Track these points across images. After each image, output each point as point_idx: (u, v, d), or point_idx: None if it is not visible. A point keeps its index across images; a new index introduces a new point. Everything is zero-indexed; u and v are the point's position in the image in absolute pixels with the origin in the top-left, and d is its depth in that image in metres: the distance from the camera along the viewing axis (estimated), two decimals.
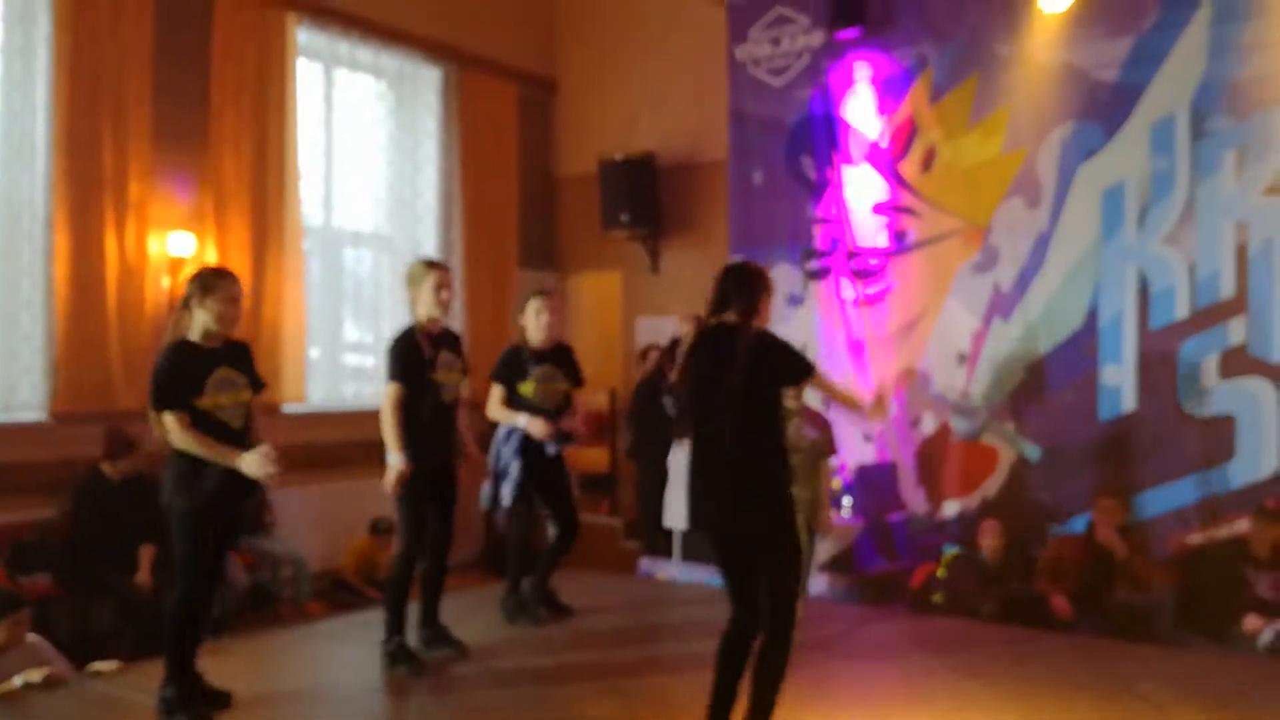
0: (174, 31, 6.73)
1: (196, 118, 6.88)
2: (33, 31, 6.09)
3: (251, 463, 3.78)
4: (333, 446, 7.51)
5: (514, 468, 5.06)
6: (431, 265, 4.63)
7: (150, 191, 6.54)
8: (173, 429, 3.79)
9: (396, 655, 4.49)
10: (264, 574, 6.68)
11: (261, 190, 7.12)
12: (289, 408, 7.33)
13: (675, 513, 6.54)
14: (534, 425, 5.02)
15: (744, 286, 3.66)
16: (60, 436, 6.08)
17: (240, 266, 6.94)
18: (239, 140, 7.02)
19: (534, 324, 5.21)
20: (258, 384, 4.06)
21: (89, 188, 6.21)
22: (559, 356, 5.25)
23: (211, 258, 6.84)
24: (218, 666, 4.24)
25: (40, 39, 6.10)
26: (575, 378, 5.28)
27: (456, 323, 8.43)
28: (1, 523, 5.72)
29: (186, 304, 3.92)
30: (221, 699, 4.03)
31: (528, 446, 5.09)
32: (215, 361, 3.90)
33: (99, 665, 4.26)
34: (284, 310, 7.21)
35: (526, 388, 5.12)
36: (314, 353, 7.71)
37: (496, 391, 5.17)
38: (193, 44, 6.86)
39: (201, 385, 3.83)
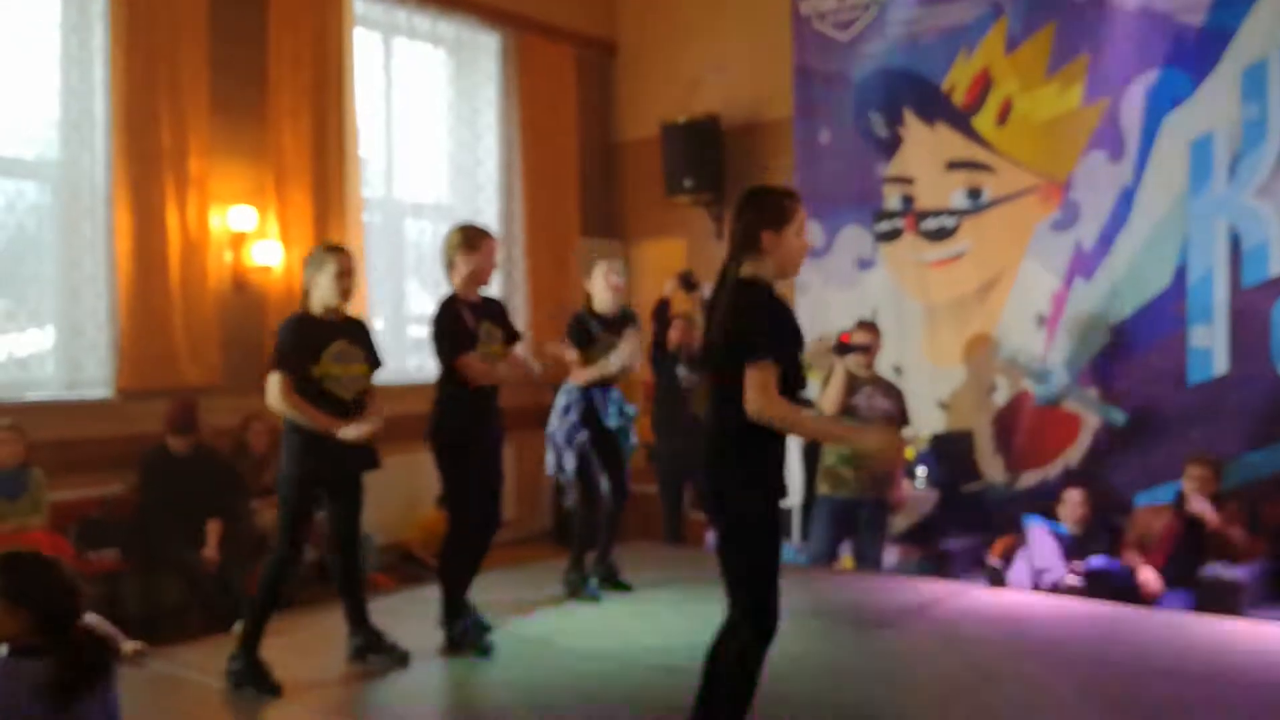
0: (229, 4, 6.68)
1: (254, 91, 6.83)
2: (89, 7, 6.07)
3: (350, 431, 3.93)
4: (399, 419, 7.43)
5: (579, 438, 4.96)
6: (468, 232, 4.43)
7: (210, 166, 6.51)
8: (272, 390, 3.94)
9: (462, 639, 4.39)
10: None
11: (322, 163, 7.06)
12: None
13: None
14: (618, 356, 4.93)
15: (737, 218, 3.08)
16: (126, 413, 6.10)
17: (302, 239, 6.91)
18: (298, 113, 6.96)
19: (600, 288, 5.09)
20: (375, 361, 4.21)
21: (149, 164, 6.20)
22: (625, 324, 5.13)
23: (273, 232, 6.82)
24: (280, 642, 4.20)
25: (96, 14, 6.07)
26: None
27: (518, 292, 8.35)
28: (69, 499, 5.75)
29: (305, 284, 4.12)
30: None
31: (589, 416, 4.98)
32: (334, 334, 4.06)
33: (127, 646, 4.24)
34: None
35: (589, 357, 5.01)
36: (378, 325, 7.67)
37: (571, 355, 5.09)
38: (248, 16, 6.79)
39: (318, 354, 4.00)
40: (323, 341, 4.01)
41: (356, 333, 4.17)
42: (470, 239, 4.40)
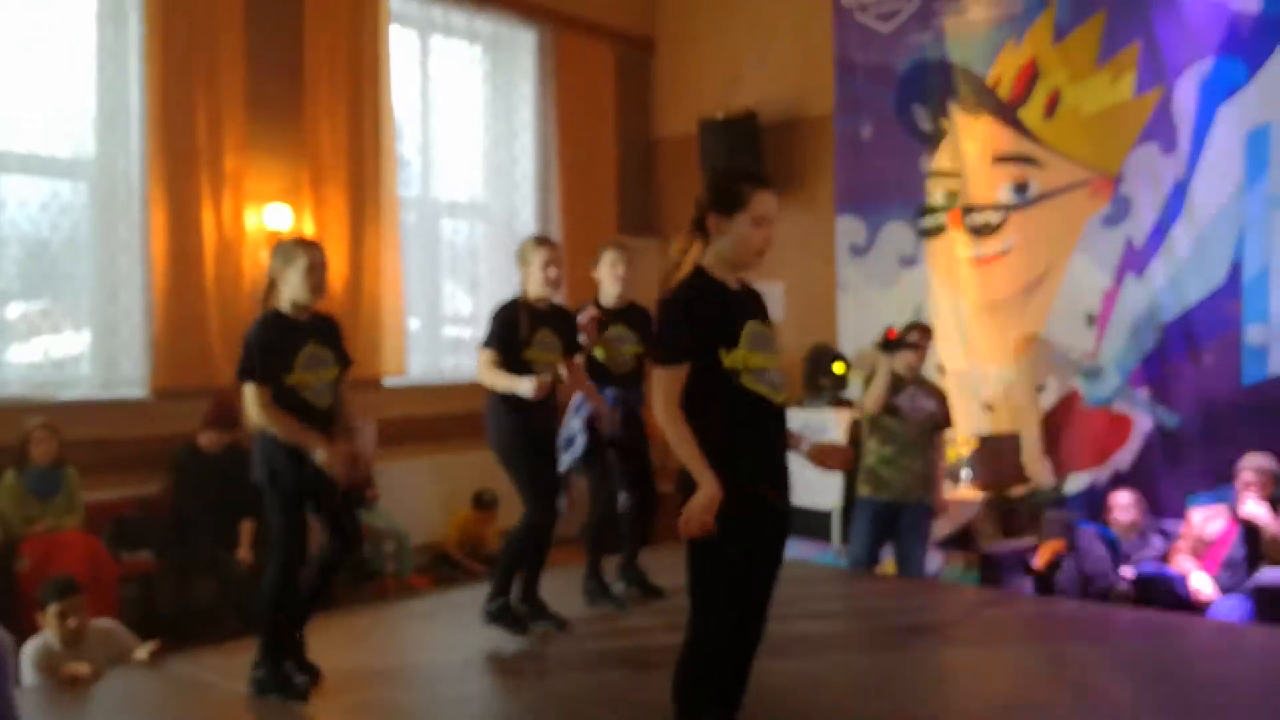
0: (265, 1, 6.66)
1: (290, 89, 6.81)
2: (124, 4, 6.06)
3: (323, 456, 3.67)
4: (434, 419, 7.44)
5: (580, 440, 4.83)
6: (540, 242, 4.51)
7: (246, 164, 6.49)
8: (251, 402, 3.70)
9: (498, 615, 4.41)
10: (366, 548, 6.63)
11: (358, 161, 7.03)
12: (389, 381, 7.27)
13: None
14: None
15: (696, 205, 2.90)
16: (161, 412, 6.09)
17: (338, 238, 6.89)
18: (334, 111, 6.93)
19: (608, 278, 4.87)
20: (344, 360, 3.94)
21: (184, 161, 6.19)
22: (631, 317, 4.90)
23: (309, 230, 6.79)
24: (315, 642, 4.15)
25: (131, 6, 6.07)
26: (647, 340, 4.90)
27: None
28: (104, 499, 5.75)
29: (272, 278, 3.83)
30: (313, 672, 3.94)
31: (599, 415, 4.84)
32: (305, 336, 3.79)
33: (141, 650, 4.20)
34: (382, 282, 7.13)
35: (598, 351, 4.86)
36: (413, 325, 7.63)
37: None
38: (285, 13, 6.77)
39: (291, 362, 3.73)
40: (295, 346, 3.75)
41: (325, 331, 3.90)
42: (524, 248, 4.50)
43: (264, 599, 3.83)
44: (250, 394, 3.69)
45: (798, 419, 6.16)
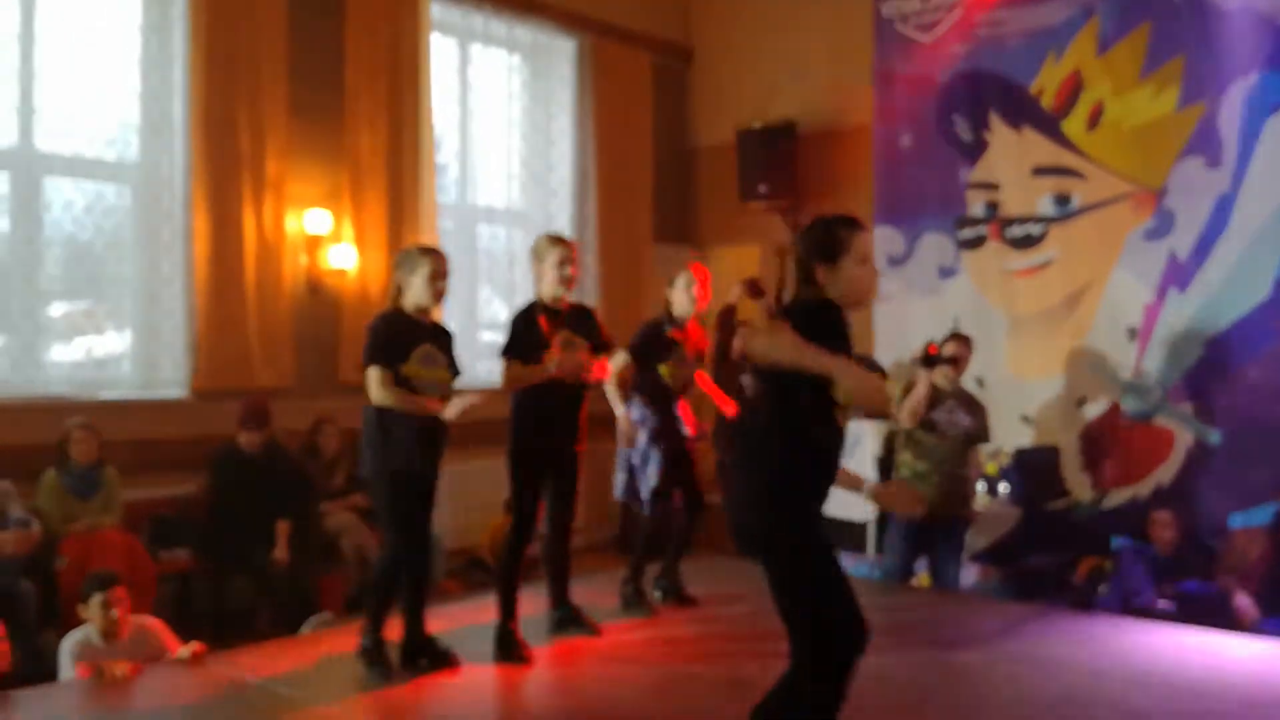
0: (307, 8, 6.73)
1: (331, 96, 6.87)
2: (169, 10, 6.15)
3: (453, 406, 4.04)
4: (469, 424, 7.40)
5: (653, 456, 4.82)
6: (556, 240, 4.49)
7: (287, 170, 6.56)
8: (374, 382, 3.97)
9: (504, 641, 4.35)
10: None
11: (397, 168, 7.08)
12: None
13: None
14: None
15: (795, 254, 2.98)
16: (201, 413, 6.15)
17: (376, 244, 6.94)
18: (374, 118, 6.99)
19: (683, 300, 4.96)
20: (455, 370, 4.22)
21: (227, 167, 6.25)
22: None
23: (348, 236, 6.84)
24: (342, 642, 4.26)
25: (176, 17, 6.15)
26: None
27: (589, 298, 8.27)
28: (144, 498, 5.81)
29: (398, 280, 4.12)
30: (446, 658, 4.18)
31: (663, 431, 4.86)
32: (423, 336, 4.10)
33: (184, 649, 4.26)
34: None
35: (664, 368, 4.88)
36: (450, 329, 7.64)
37: (620, 359, 4.89)
38: (326, 21, 6.84)
39: (407, 353, 4.02)
40: (412, 342, 4.05)
41: (441, 338, 4.21)
42: (539, 245, 4.49)
43: (374, 576, 4.21)
44: (373, 376, 3.99)
45: None
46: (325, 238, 6.76)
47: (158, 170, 6.15)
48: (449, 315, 7.56)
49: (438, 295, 4.11)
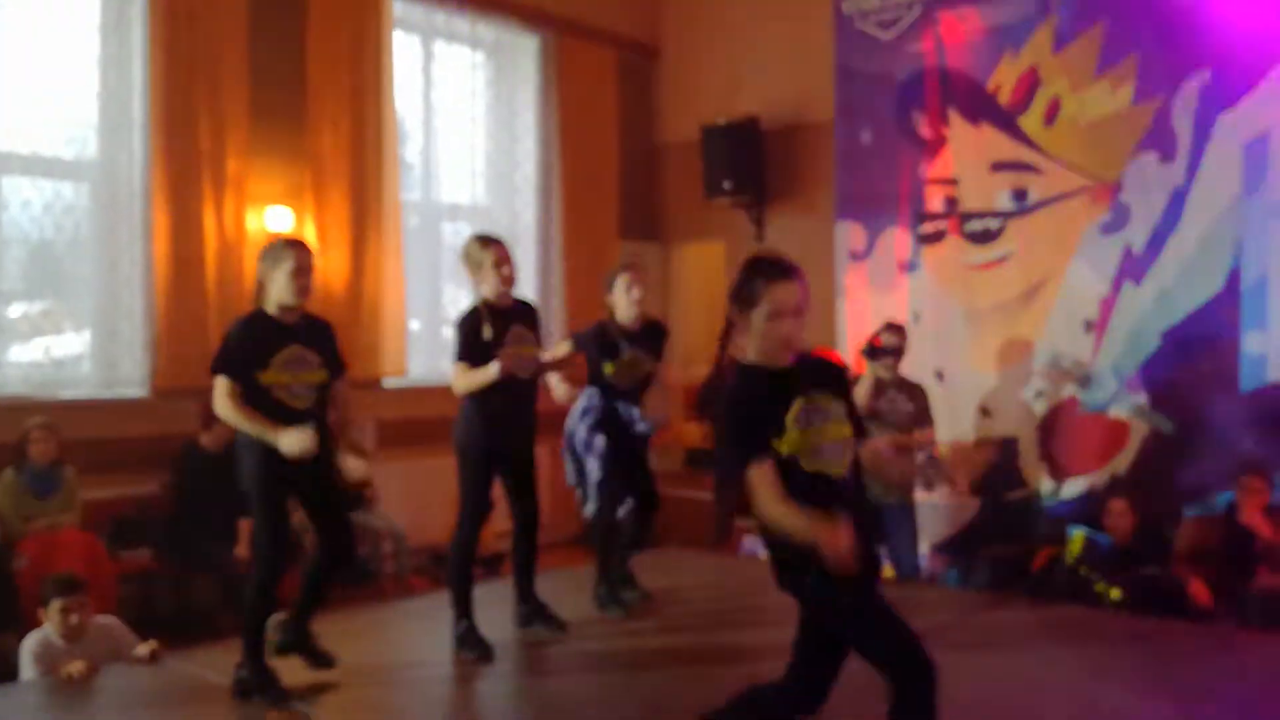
0: (268, 5, 6.70)
1: (293, 93, 6.84)
2: (128, 9, 6.11)
3: (289, 440, 3.61)
4: (433, 420, 7.41)
5: (597, 443, 4.83)
6: (487, 241, 4.40)
7: (248, 167, 6.53)
8: (217, 394, 3.67)
9: (464, 639, 4.33)
10: (364, 549, 6.64)
11: (360, 164, 7.06)
12: (389, 382, 7.30)
13: None
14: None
15: None
16: (161, 412, 6.13)
17: (339, 241, 6.93)
18: (337, 115, 6.96)
19: (624, 302, 4.85)
20: (335, 366, 3.88)
21: (187, 164, 6.22)
22: (648, 337, 4.92)
23: (310, 233, 6.82)
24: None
25: (136, 15, 6.11)
26: (659, 356, 4.95)
27: (555, 295, 8.29)
28: (104, 497, 5.78)
29: (260, 276, 3.79)
30: (326, 660, 4.00)
31: (607, 420, 4.85)
32: (288, 338, 3.75)
33: (142, 647, 4.23)
34: (384, 284, 7.17)
35: (609, 368, 4.87)
36: (414, 326, 7.66)
37: (563, 346, 4.94)
38: (288, 18, 6.81)
39: (267, 360, 3.69)
40: (274, 346, 3.71)
41: (314, 335, 3.84)
42: (470, 250, 4.42)
43: (247, 600, 3.84)
44: (216, 386, 3.67)
45: None
46: (287, 235, 6.72)
47: (116, 168, 6.11)
48: (413, 313, 7.57)
49: (302, 291, 3.73)
